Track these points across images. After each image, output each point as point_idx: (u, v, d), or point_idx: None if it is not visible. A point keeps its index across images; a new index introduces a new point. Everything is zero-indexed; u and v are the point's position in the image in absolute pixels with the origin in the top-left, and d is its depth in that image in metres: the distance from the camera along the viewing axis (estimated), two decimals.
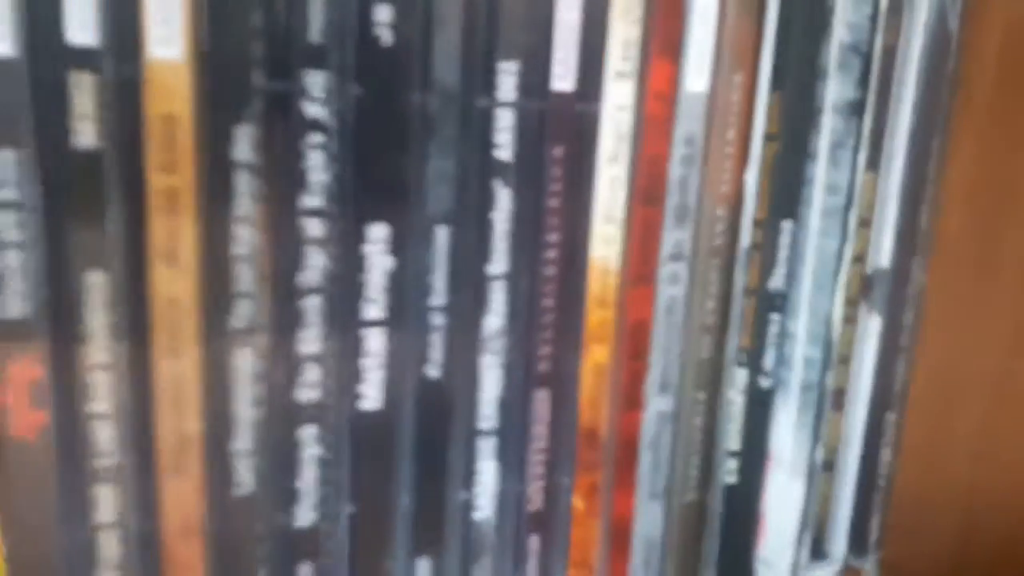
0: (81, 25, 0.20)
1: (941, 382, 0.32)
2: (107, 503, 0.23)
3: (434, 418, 0.26)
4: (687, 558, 0.31)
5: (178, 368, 0.22)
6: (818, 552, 0.33)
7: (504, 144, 0.24)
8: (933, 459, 0.33)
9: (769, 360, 0.30)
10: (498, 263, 0.25)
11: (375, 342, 0.24)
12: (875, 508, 0.34)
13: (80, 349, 0.21)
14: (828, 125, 0.28)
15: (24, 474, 0.22)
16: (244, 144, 0.22)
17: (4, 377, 0.21)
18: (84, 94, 0.20)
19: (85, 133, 0.20)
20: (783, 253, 0.29)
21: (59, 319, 0.21)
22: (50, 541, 0.23)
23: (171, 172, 0.21)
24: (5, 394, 0.21)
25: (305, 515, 0.25)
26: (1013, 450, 0.33)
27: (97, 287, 0.21)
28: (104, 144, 0.20)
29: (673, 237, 0.27)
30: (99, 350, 0.22)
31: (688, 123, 0.26)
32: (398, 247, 0.24)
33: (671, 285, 0.28)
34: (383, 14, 0.22)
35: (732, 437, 0.31)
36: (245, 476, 0.24)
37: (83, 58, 0.20)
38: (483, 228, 0.25)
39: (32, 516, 0.22)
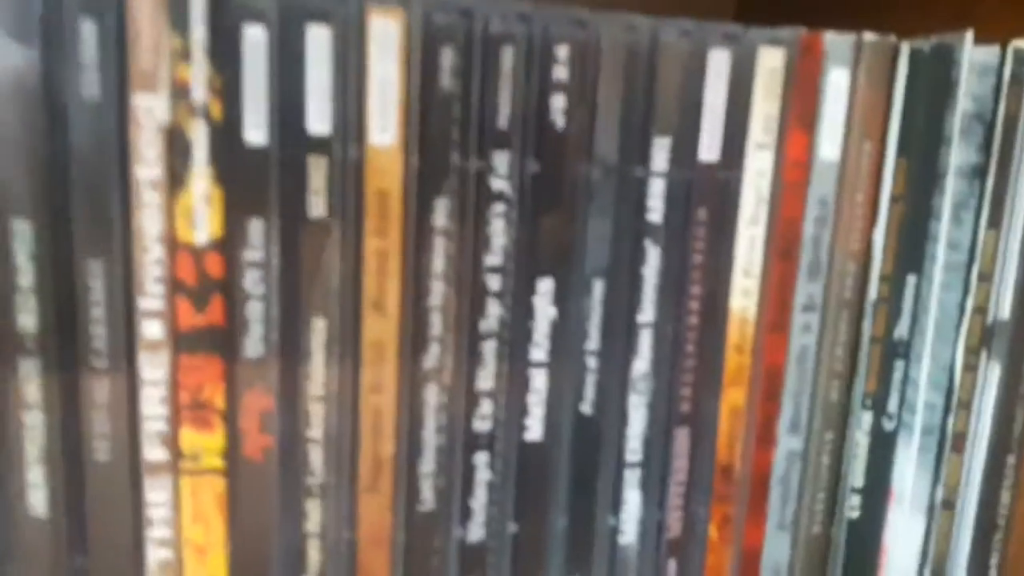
0: (319, 117, 0.26)
1: None
2: (315, 516, 0.28)
3: (587, 450, 0.31)
4: None
5: (379, 400, 0.28)
6: None
7: (655, 208, 0.29)
8: None
9: (893, 404, 0.34)
10: (646, 313, 0.30)
11: (539, 381, 0.30)
12: (994, 547, 0.37)
13: (303, 384, 0.27)
14: (951, 187, 0.33)
15: (251, 489, 0.28)
16: (442, 213, 0.27)
17: (241, 406, 0.27)
18: (318, 173, 0.26)
19: (318, 205, 0.26)
20: (907, 305, 0.34)
21: (288, 358, 0.27)
22: (267, 547, 0.28)
23: (383, 237, 0.27)
24: (241, 421, 0.27)
25: (476, 531, 0.30)
26: None
27: (319, 331, 0.27)
28: (332, 214, 0.26)
29: (806, 290, 0.32)
30: (317, 385, 0.27)
31: (821, 187, 0.31)
32: (561, 298, 0.29)
33: (803, 334, 0.32)
34: (558, 102, 0.27)
35: (856, 475, 0.35)
36: (428, 495, 0.29)
37: (319, 144, 0.26)
38: (634, 282, 0.30)
39: (254, 525, 0.28)
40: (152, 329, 0.25)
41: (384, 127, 0.26)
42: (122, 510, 0.26)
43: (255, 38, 0.24)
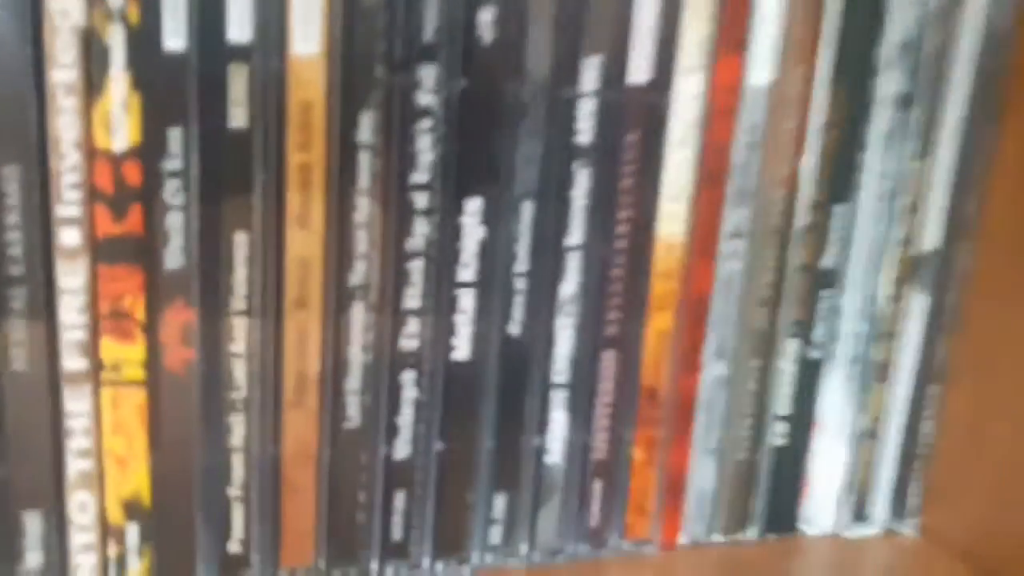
0: (239, 25, 0.26)
1: (984, 357, 0.37)
2: (239, 430, 0.29)
3: (514, 371, 0.32)
4: (736, 511, 0.37)
5: (304, 317, 0.29)
6: (860, 514, 0.39)
7: (584, 130, 0.30)
8: (974, 429, 0.38)
9: (819, 333, 0.36)
10: (575, 236, 0.31)
11: (466, 301, 0.30)
12: (915, 475, 0.39)
13: (225, 298, 0.28)
14: (881, 116, 0.34)
15: (172, 403, 0.28)
16: (366, 128, 0.28)
17: (162, 319, 0.27)
18: (239, 83, 0.26)
19: (238, 116, 0.26)
20: (835, 234, 0.35)
21: (209, 272, 0.27)
22: (190, 460, 0.29)
23: (306, 150, 0.27)
24: (162, 333, 0.27)
25: (402, 449, 0.31)
26: None
27: (241, 245, 0.27)
28: (253, 125, 0.27)
29: (734, 216, 0.33)
30: (239, 299, 0.28)
31: (752, 113, 0.32)
32: (490, 219, 0.30)
33: (731, 260, 0.33)
34: (486, 16, 0.28)
35: (782, 403, 0.36)
36: (354, 412, 0.30)
37: (239, 53, 0.26)
38: (563, 204, 0.31)
39: (176, 438, 0.29)
40: (70, 236, 0.25)
41: (307, 36, 0.26)
42: (41, 420, 0.26)
43: None
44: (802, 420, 0.36)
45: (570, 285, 0.31)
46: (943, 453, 0.38)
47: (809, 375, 0.36)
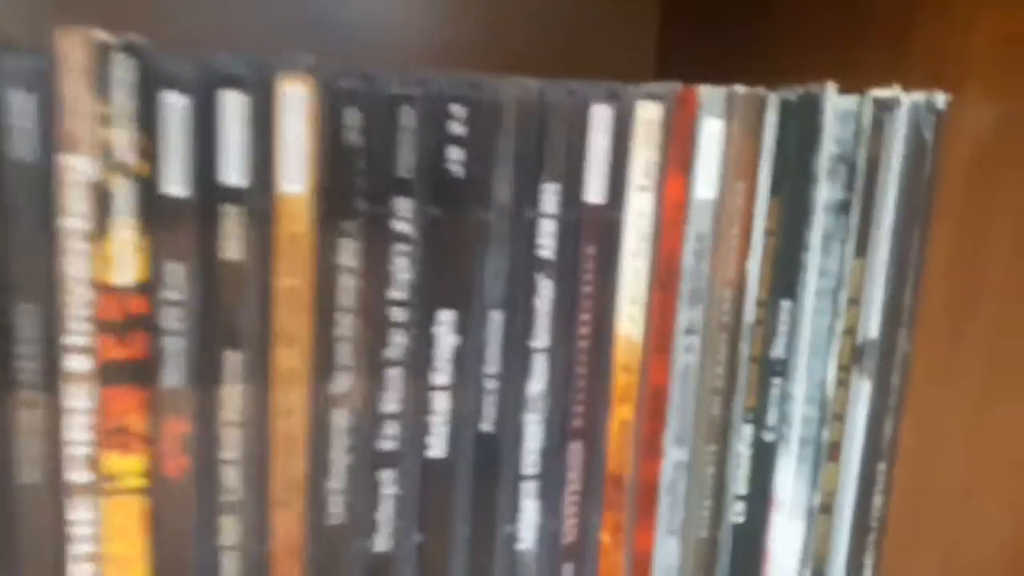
0: (233, 170, 0.29)
1: (925, 436, 0.41)
2: (231, 529, 0.32)
3: (486, 464, 0.35)
4: None
5: (291, 423, 0.32)
6: None
7: (547, 245, 0.34)
8: (918, 505, 0.41)
9: (771, 418, 0.39)
10: (540, 339, 0.34)
11: (441, 403, 0.34)
12: (869, 547, 0.42)
13: (218, 410, 0.31)
14: (819, 222, 0.38)
15: (171, 506, 0.31)
16: (348, 253, 0.31)
17: (161, 431, 0.31)
18: (232, 220, 0.30)
19: (231, 249, 0.30)
20: (782, 327, 0.38)
21: (204, 387, 0.31)
22: (186, 559, 0.32)
23: (293, 275, 0.31)
24: (162, 444, 0.31)
25: (383, 542, 0.34)
26: (988, 496, 0.42)
27: (233, 362, 0.31)
28: (245, 256, 0.30)
29: (687, 315, 0.36)
30: (231, 411, 0.31)
31: (698, 223, 0.36)
32: (461, 328, 0.33)
33: (686, 354, 0.37)
34: (455, 154, 0.31)
35: (740, 483, 0.40)
36: (337, 509, 0.33)
37: (233, 195, 0.30)
38: (529, 312, 0.34)
39: (174, 539, 0.32)
40: (78, 363, 0.29)
41: (294, 178, 0.30)
42: (48, 528, 0.30)
43: (174, 103, 0.28)
44: (759, 499, 0.40)
45: (537, 383, 0.34)
46: (892, 526, 0.41)
47: (764, 457, 0.39)
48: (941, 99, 0.37)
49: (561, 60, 0.62)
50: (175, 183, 0.28)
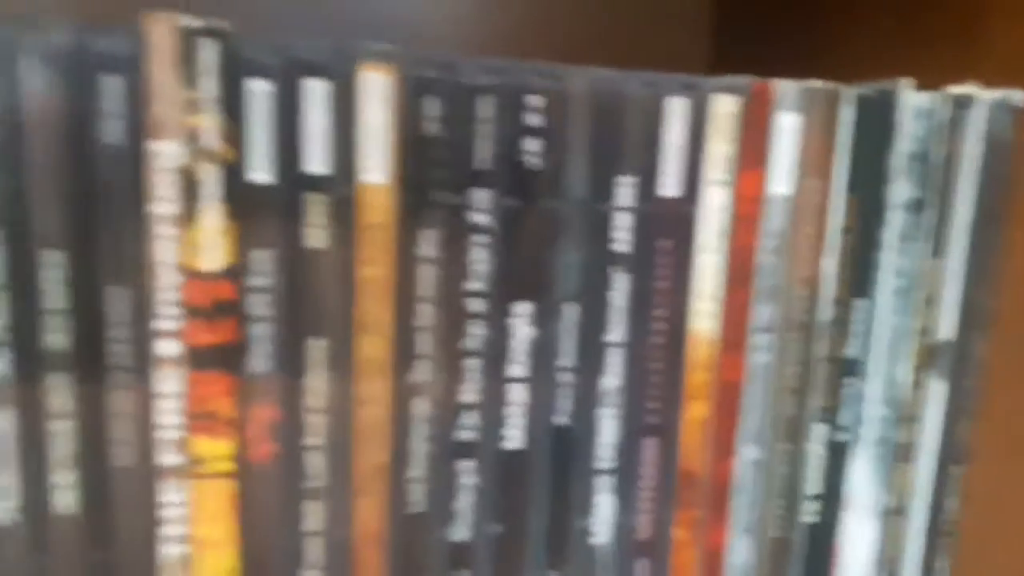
0: (316, 159, 0.27)
1: (1002, 438, 0.37)
2: (315, 516, 0.30)
3: (561, 458, 0.32)
4: None
5: (373, 412, 0.29)
6: None
7: (621, 239, 0.31)
8: (993, 508, 0.37)
9: (845, 418, 0.35)
10: (615, 333, 0.31)
11: (517, 394, 0.31)
12: (941, 550, 0.38)
13: (304, 397, 0.28)
14: (895, 220, 0.34)
15: (258, 491, 0.29)
16: (427, 243, 0.29)
17: (249, 416, 0.28)
18: (316, 209, 0.27)
19: (315, 237, 0.28)
20: (857, 327, 0.35)
21: (290, 373, 0.28)
22: (271, 544, 0.30)
23: (374, 265, 0.28)
24: (249, 429, 0.28)
25: (461, 531, 0.31)
26: None
27: (318, 349, 0.28)
28: (329, 245, 0.28)
29: (762, 312, 0.33)
30: (317, 397, 0.29)
31: (774, 220, 0.32)
32: (537, 320, 0.30)
33: (760, 353, 0.34)
34: (532, 145, 0.29)
35: (813, 483, 0.36)
36: (417, 498, 0.30)
37: (316, 183, 0.27)
38: (603, 306, 0.31)
39: (260, 523, 0.29)
40: (167, 348, 0.26)
41: (375, 168, 0.27)
42: (140, 510, 0.27)
43: (258, 89, 0.26)
44: (832, 499, 0.36)
45: (612, 378, 0.31)
46: (966, 530, 0.37)
47: (837, 457, 0.35)
48: (1018, 96, 0.33)
49: (614, 53, 0.59)
50: (260, 170, 0.26)
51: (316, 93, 0.26)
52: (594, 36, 0.62)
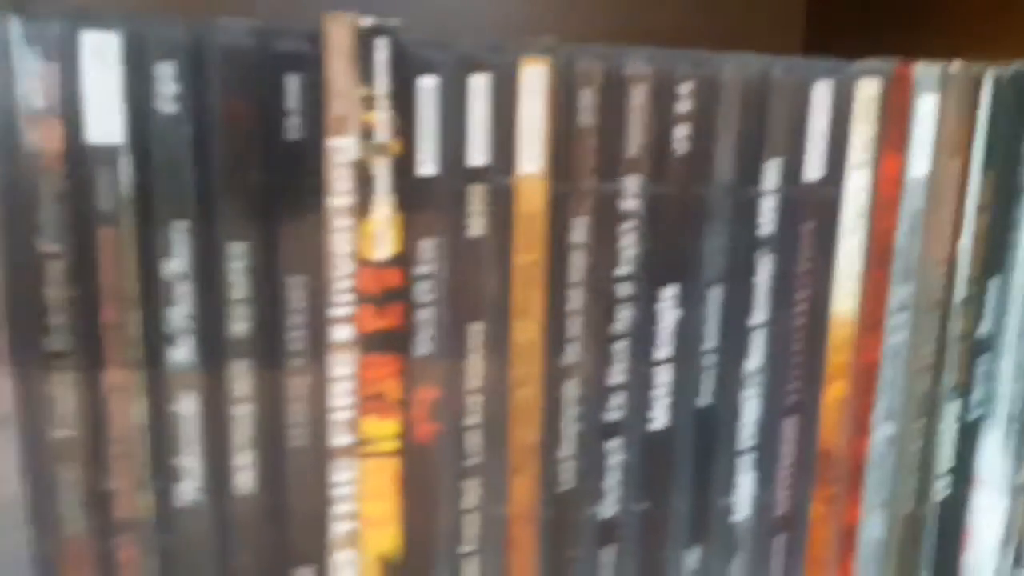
0: (478, 151, 0.28)
1: None
2: (472, 493, 0.30)
3: (705, 438, 0.32)
4: (903, 562, 0.36)
5: (526, 393, 0.30)
6: (1020, 562, 0.37)
7: (766, 223, 0.31)
8: None
9: (978, 395, 0.35)
10: (758, 316, 0.31)
11: (663, 376, 0.31)
12: None
13: (463, 378, 0.29)
14: None
15: (420, 470, 0.30)
16: (579, 230, 0.29)
17: (414, 397, 0.29)
18: (477, 199, 0.28)
19: (476, 226, 0.28)
20: (991, 305, 0.34)
21: (451, 357, 0.29)
22: (432, 521, 0.30)
23: (529, 252, 0.29)
24: (413, 410, 0.29)
25: (609, 509, 0.32)
26: None
27: (477, 333, 0.29)
28: (487, 233, 0.28)
29: (899, 293, 0.33)
30: (475, 379, 0.29)
31: (912, 201, 0.32)
32: (683, 303, 0.31)
33: (897, 332, 0.33)
34: (681, 132, 0.29)
35: (944, 460, 0.36)
36: (567, 476, 0.31)
37: (478, 175, 0.28)
38: (747, 288, 0.31)
39: (422, 501, 0.30)
40: (341, 333, 0.27)
41: (532, 158, 0.28)
42: (313, 489, 0.28)
43: (428, 85, 0.26)
44: (963, 476, 0.36)
45: (755, 359, 0.31)
46: None
47: (969, 434, 0.35)
48: None
49: (706, 43, 0.59)
50: (427, 163, 0.26)
51: (480, 88, 0.27)
52: (686, 26, 0.61)
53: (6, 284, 0.24)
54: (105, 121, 0.24)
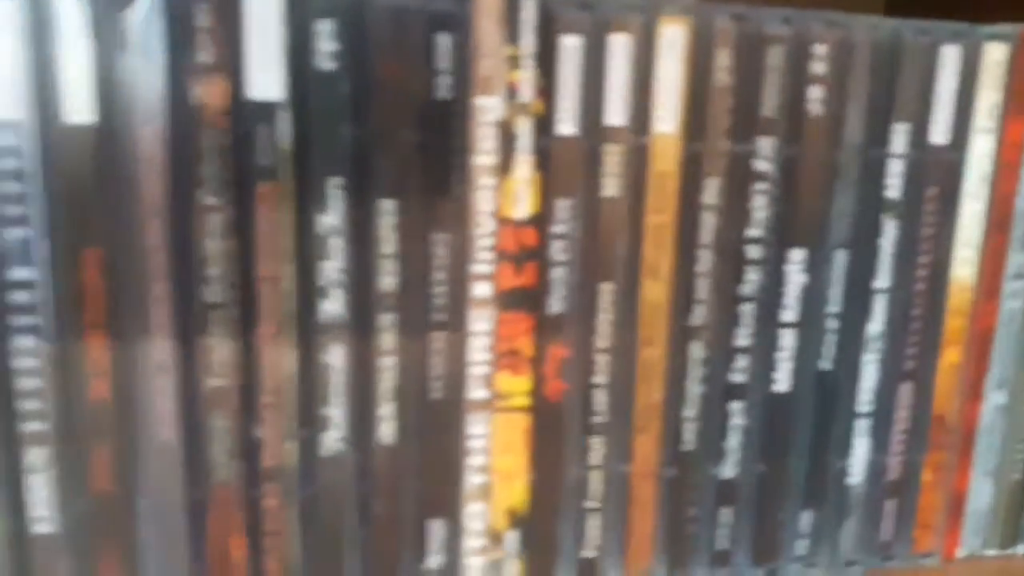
0: (616, 111, 0.27)
1: None
2: (597, 451, 0.30)
3: (824, 401, 0.32)
4: (1009, 528, 0.35)
5: (652, 353, 0.30)
6: None
7: (892, 186, 0.30)
8: None
9: None
10: (881, 280, 0.31)
11: (787, 340, 0.31)
12: None
13: (592, 337, 0.29)
14: None
15: (548, 427, 0.30)
16: (711, 192, 0.29)
17: (545, 356, 0.29)
18: (613, 159, 0.28)
19: (610, 186, 0.28)
20: None
21: (581, 315, 0.29)
22: (559, 477, 0.30)
23: (661, 212, 0.29)
24: (545, 367, 0.29)
25: (729, 469, 0.32)
26: None
27: (607, 293, 0.29)
28: (622, 193, 0.28)
29: (1017, 259, 0.32)
30: (603, 338, 0.29)
31: None
32: (809, 267, 0.30)
33: (1013, 299, 0.33)
34: (815, 93, 0.29)
35: None
36: (690, 436, 0.31)
37: (614, 135, 0.28)
38: (872, 252, 0.31)
39: (550, 457, 0.30)
40: (481, 290, 0.27)
41: (667, 118, 0.27)
42: (450, 441, 0.28)
43: (571, 45, 0.26)
44: None
45: (876, 324, 0.31)
46: None
47: None
48: None
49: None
50: (566, 122, 0.26)
51: (620, 48, 0.27)
52: None
53: (168, 236, 0.25)
54: (266, 78, 0.24)
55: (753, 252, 0.29)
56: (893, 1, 0.61)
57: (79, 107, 0.23)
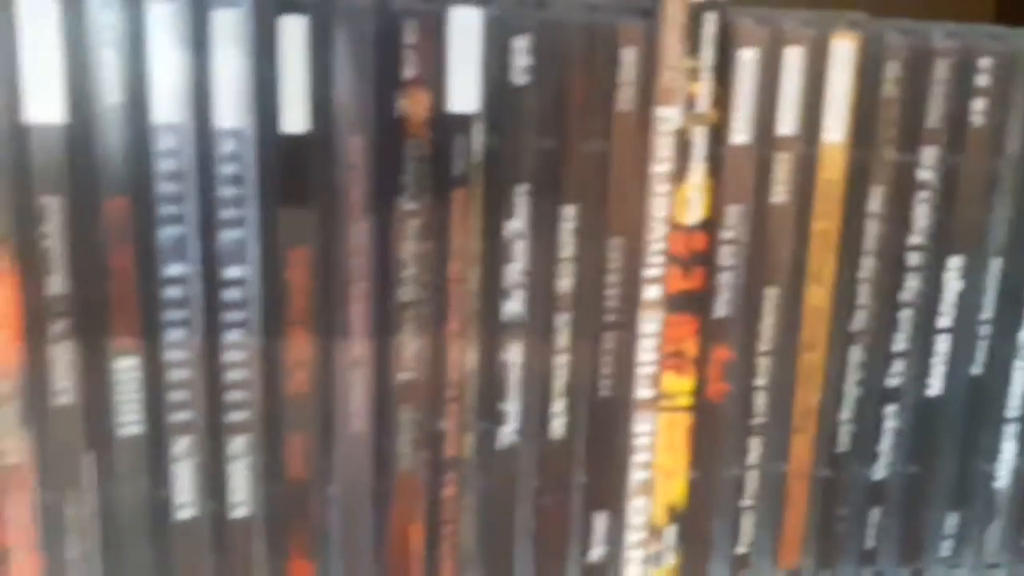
0: (786, 121, 0.28)
1: None
2: (755, 451, 0.31)
3: (974, 406, 0.32)
4: None
5: (812, 357, 0.30)
6: None
7: None
8: None
9: None
10: None
11: (942, 345, 0.31)
12: None
13: (755, 341, 0.30)
14: None
15: (709, 426, 0.30)
16: (875, 200, 0.29)
17: (710, 357, 0.30)
18: (782, 167, 0.28)
19: (780, 192, 0.29)
20: None
21: (746, 319, 0.29)
22: (718, 474, 0.31)
23: (826, 219, 0.29)
24: (708, 369, 0.30)
25: (880, 471, 0.32)
26: None
27: (771, 297, 0.29)
28: (791, 200, 0.29)
29: None
30: (766, 342, 0.30)
31: None
32: (966, 274, 0.30)
33: None
34: (978, 105, 0.29)
35: None
36: (844, 438, 0.31)
37: (784, 143, 0.28)
38: None
39: (709, 456, 0.31)
40: (651, 293, 0.28)
41: (835, 128, 0.28)
42: (617, 438, 0.29)
43: (748, 58, 0.27)
44: None
45: None
46: None
47: None
48: None
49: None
50: (740, 132, 0.27)
51: (793, 60, 0.27)
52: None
53: (370, 238, 0.26)
54: (465, 91, 0.26)
55: (913, 259, 0.30)
56: (1003, 5, 0.60)
57: (295, 118, 0.25)
